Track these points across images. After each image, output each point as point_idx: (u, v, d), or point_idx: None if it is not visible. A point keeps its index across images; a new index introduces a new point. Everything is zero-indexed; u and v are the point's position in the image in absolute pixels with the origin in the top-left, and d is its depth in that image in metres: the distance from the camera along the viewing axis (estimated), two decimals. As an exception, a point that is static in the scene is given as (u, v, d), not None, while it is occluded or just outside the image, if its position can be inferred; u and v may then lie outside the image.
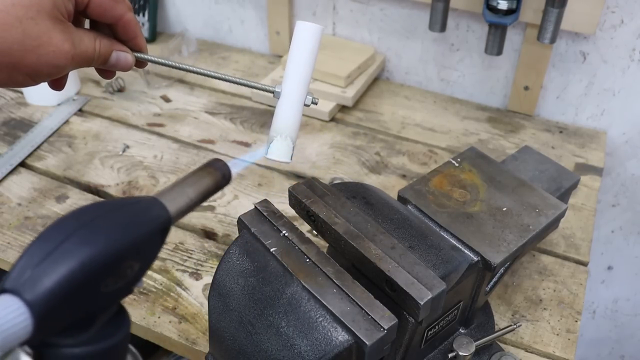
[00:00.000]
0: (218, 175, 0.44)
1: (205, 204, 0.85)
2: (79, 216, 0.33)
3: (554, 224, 0.62)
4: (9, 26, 0.43)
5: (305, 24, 0.51)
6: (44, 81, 0.49)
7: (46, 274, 0.30)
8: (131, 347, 1.16)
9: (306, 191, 0.56)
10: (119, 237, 0.33)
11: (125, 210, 0.35)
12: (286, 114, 0.51)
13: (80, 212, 0.34)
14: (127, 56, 0.52)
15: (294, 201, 0.57)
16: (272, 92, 0.52)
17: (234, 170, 0.46)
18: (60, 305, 0.30)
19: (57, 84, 0.53)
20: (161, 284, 0.73)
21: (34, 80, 0.47)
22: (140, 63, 0.55)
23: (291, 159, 0.52)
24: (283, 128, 0.51)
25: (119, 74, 1.12)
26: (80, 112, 1.07)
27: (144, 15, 1.28)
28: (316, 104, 0.52)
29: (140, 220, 0.35)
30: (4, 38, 0.43)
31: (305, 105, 0.52)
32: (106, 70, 0.54)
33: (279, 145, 0.51)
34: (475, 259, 0.56)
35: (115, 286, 0.33)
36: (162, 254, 0.77)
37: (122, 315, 0.36)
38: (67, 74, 0.53)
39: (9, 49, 0.43)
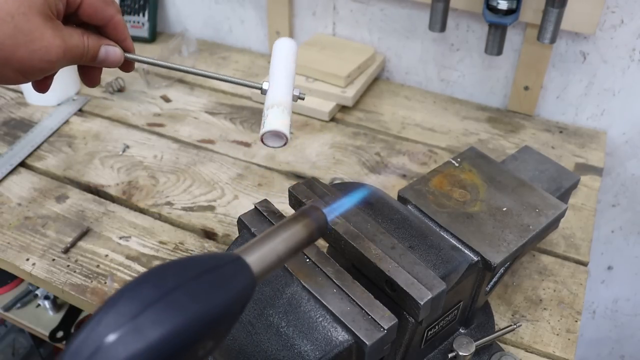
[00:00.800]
0: (313, 228, 0.39)
1: (205, 203, 0.85)
2: (157, 283, 0.29)
3: (554, 224, 0.62)
4: (0, 21, 0.43)
5: (280, 40, 0.56)
6: (36, 78, 0.49)
7: (112, 353, 0.26)
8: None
9: (306, 191, 0.56)
10: (199, 317, 0.29)
11: (209, 279, 0.30)
12: (277, 91, 0.51)
13: (159, 277, 0.29)
14: (115, 50, 0.53)
15: (294, 201, 0.57)
16: (260, 88, 0.53)
17: (331, 218, 0.43)
18: None
19: (42, 85, 0.54)
20: (161, 284, 0.73)
21: (24, 77, 0.47)
22: (128, 65, 0.56)
23: (289, 138, 0.49)
24: (276, 100, 0.50)
25: (119, 73, 1.12)
26: (80, 112, 1.07)
27: (144, 15, 1.28)
28: (303, 98, 0.53)
29: (224, 294, 0.31)
30: None
31: (294, 95, 0.52)
32: (90, 73, 0.55)
33: (275, 117, 0.48)
34: (475, 259, 0.56)
35: None
36: (162, 254, 0.77)
37: None
38: (53, 75, 0.53)
39: (1, 43, 0.44)
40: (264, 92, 0.52)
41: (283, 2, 1.15)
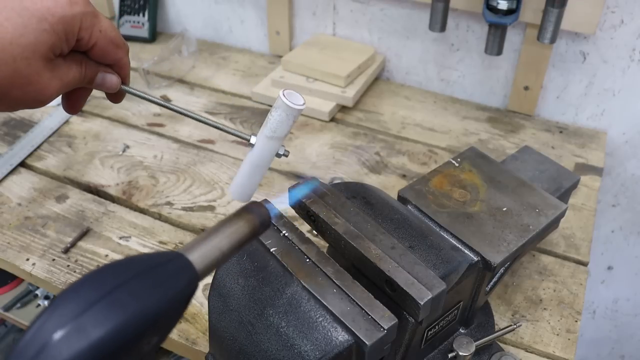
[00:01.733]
0: (256, 222, 0.39)
1: (205, 203, 0.85)
2: (98, 283, 0.30)
3: (554, 224, 0.62)
4: (1, 63, 0.42)
5: (286, 102, 0.51)
6: (23, 109, 0.49)
7: (57, 351, 0.27)
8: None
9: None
10: (140, 313, 0.29)
11: (149, 277, 0.31)
12: (258, 161, 0.54)
13: (100, 278, 0.30)
14: (112, 77, 0.52)
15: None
16: (247, 140, 0.54)
17: (274, 213, 0.43)
18: None
19: (74, 107, 0.54)
20: (161, 284, 0.73)
21: (13, 109, 0.47)
22: (119, 96, 0.56)
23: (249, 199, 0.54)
24: (252, 172, 0.54)
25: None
26: (80, 112, 1.07)
27: (144, 15, 1.28)
28: (287, 155, 0.56)
29: (165, 290, 0.31)
30: None
31: (277, 155, 0.55)
32: (75, 99, 0.54)
33: (244, 187, 0.54)
34: (475, 259, 0.56)
35: None
36: (162, 254, 0.77)
37: None
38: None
39: None
40: (251, 145, 0.54)
41: (283, 2, 1.15)
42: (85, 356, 0.28)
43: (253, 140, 0.54)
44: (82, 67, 0.49)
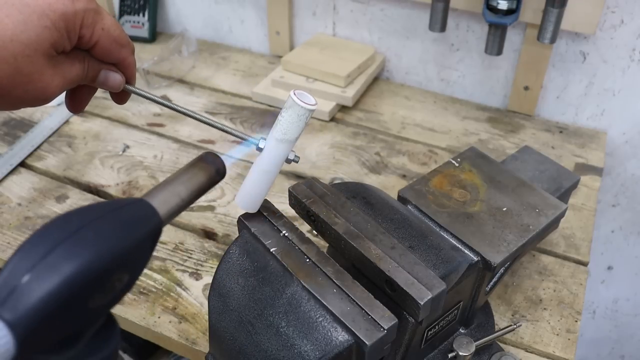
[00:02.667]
0: (211, 170, 0.41)
1: (205, 203, 0.85)
2: (63, 225, 0.31)
3: (554, 224, 0.62)
4: (2, 61, 0.42)
5: (298, 102, 0.48)
6: (26, 107, 0.48)
7: (28, 291, 0.27)
8: (122, 354, 1.16)
9: (306, 191, 0.56)
10: (107, 249, 0.30)
11: (113, 218, 0.32)
12: (266, 168, 0.52)
13: (64, 220, 0.31)
14: (115, 75, 0.51)
15: (294, 201, 0.57)
16: (256, 145, 0.52)
17: (228, 163, 0.44)
18: (44, 325, 0.28)
19: (77, 106, 0.53)
20: (161, 284, 0.73)
21: (16, 108, 0.47)
22: (123, 96, 0.55)
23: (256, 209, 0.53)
24: (260, 179, 0.52)
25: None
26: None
27: (144, 15, 1.28)
28: (297, 161, 0.51)
29: (130, 229, 0.32)
30: None
31: (287, 160, 0.51)
32: (79, 98, 0.54)
33: (251, 197, 0.53)
34: (475, 259, 0.56)
35: (103, 301, 0.31)
36: (162, 254, 0.77)
37: (111, 326, 0.33)
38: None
39: None
40: (259, 149, 0.52)
41: (283, 2, 1.15)
42: (56, 294, 0.28)
43: (262, 144, 0.51)
44: (84, 64, 0.48)
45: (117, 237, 0.31)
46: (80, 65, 0.48)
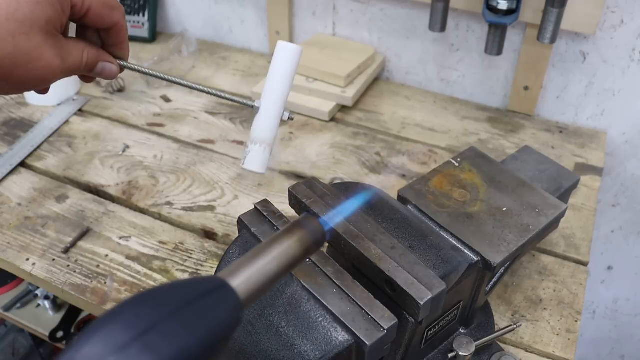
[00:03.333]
0: (308, 240, 0.35)
1: (205, 203, 0.85)
2: (131, 321, 0.27)
3: (554, 224, 0.62)
4: (1, 41, 0.42)
5: (285, 44, 0.54)
6: (29, 91, 0.49)
7: None
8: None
9: (306, 191, 0.56)
10: (180, 355, 0.26)
11: (187, 314, 0.28)
12: (263, 125, 0.55)
13: (133, 313, 0.27)
14: (112, 67, 0.53)
15: (294, 201, 0.57)
16: (252, 106, 0.55)
17: (329, 228, 0.37)
18: None
19: (43, 89, 0.54)
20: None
21: (19, 90, 0.47)
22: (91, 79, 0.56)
23: (265, 171, 0.55)
24: (260, 137, 0.55)
25: (119, 74, 1.12)
26: (80, 112, 1.07)
27: (144, 15, 1.28)
28: (292, 119, 0.56)
29: (204, 330, 0.28)
30: None
31: (282, 120, 0.55)
32: (87, 75, 0.55)
33: (255, 156, 0.54)
34: (475, 259, 0.56)
35: None
36: (162, 254, 0.77)
37: None
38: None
39: (0, 62, 0.43)
40: (255, 109, 0.55)
41: (283, 2, 1.15)
42: None
43: (257, 103, 0.56)
44: (83, 52, 0.50)
45: (189, 343, 0.27)
46: (79, 53, 0.49)
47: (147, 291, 0.29)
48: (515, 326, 0.65)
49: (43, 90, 0.54)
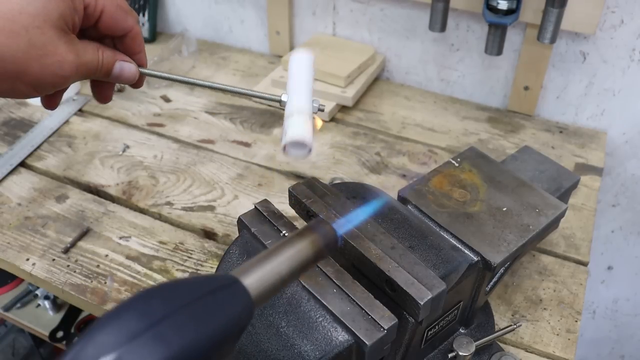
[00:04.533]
0: (320, 243, 0.35)
1: (205, 203, 0.85)
2: (144, 312, 0.27)
3: (554, 224, 0.62)
4: (14, 34, 0.42)
5: (299, 55, 0.53)
6: (47, 92, 0.48)
7: None
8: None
9: (306, 191, 0.56)
10: (185, 350, 0.27)
11: (199, 308, 0.28)
12: (298, 101, 0.50)
13: (146, 304, 0.28)
14: (131, 66, 0.51)
15: (294, 201, 0.57)
16: (279, 101, 0.52)
17: (341, 233, 0.37)
18: None
19: (52, 102, 0.53)
20: (161, 284, 0.73)
21: (36, 91, 0.47)
22: (139, 80, 0.54)
23: (312, 147, 0.46)
24: (298, 109, 0.48)
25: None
26: (80, 112, 1.07)
27: (144, 15, 1.28)
28: (322, 110, 0.51)
29: (215, 325, 0.28)
30: (9, 46, 0.42)
31: (315, 107, 0.51)
32: (103, 89, 0.54)
33: (297, 124, 0.47)
34: (475, 259, 0.56)
35: None
36: (162, 254, 0.77)
37: None
38: (64, 91, 0.53)
39: (14, 57, 0.43)
40: (282, 104, 0.51)
41: (283, 2, 1.15)
42: None
43: (284, 97, 0.51)
44: (98, 52, 0.49)
45: (200, 335, 0.28)
46: (94, 52, 0.48)
47: (159, 285, 0.29)
48: (515, 326, 0.65)
49: (53, 102, 0.53)
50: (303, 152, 0.46)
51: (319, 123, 1.04)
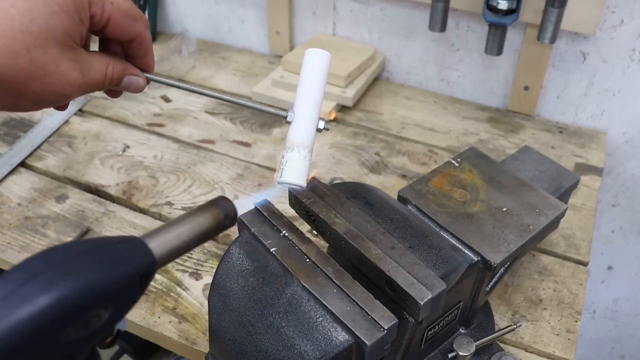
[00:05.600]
0: (220, 215, 0.40)
1: (205, 204, 0.85)
2: (48, 256, 0.31)
3: (554, 224, 0.62)
4: (15, 54, 0.41)
5: (315, 50, 0.51)
6: (50, 107, 0.47)
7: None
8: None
9: (306, 191, 0.56)
10: (85, 284, 0.30)
11: (100, 253, 0.32)
12: (300, 130, 0.51)
13: (50, 252, 0.31)
14: (138, 80, 0.50)
15: (294, 201, 0.57)
16: (285, 116, 0.51)
17: (241, 209, 0.42)
18: (13, 354, 0.28)
19: (61, 106, 0.52)
20: (161, 284, 0.73)
21: (37, 107, 0.45)
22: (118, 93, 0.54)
23: (305, 183, 0.51)
24: (298, 142, 0.50)
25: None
26: (80, 112, 1.07)
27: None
28: (328, 129, 0.52)
29: (116, 266, 0.32)
30: (10, 66, 0.41)
31: (317, 129, 0.51)
32: (112, 90, 0.53)
33: (294, 165, 0.50)
34: (475, 259, 0.56)
35: (78, 335, 0.31)
36: (162, 254, 0.77)
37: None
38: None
39: (14, 76, 0.41)
40: (287, 122, 0.51)
41: (283, 2, 1.15)
42: (27, 324, 0.28)
43: (290, 117, 0.51)
44: (107, 67, 0.47)
45: (98, 272, 0.31)
46: (102, 67, 0.47)
47: (66, 242, 0.33)
48: (515, 326, 0.65)
49: (62, 106, 0.51)
50: (298, 186, 0.52)
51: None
